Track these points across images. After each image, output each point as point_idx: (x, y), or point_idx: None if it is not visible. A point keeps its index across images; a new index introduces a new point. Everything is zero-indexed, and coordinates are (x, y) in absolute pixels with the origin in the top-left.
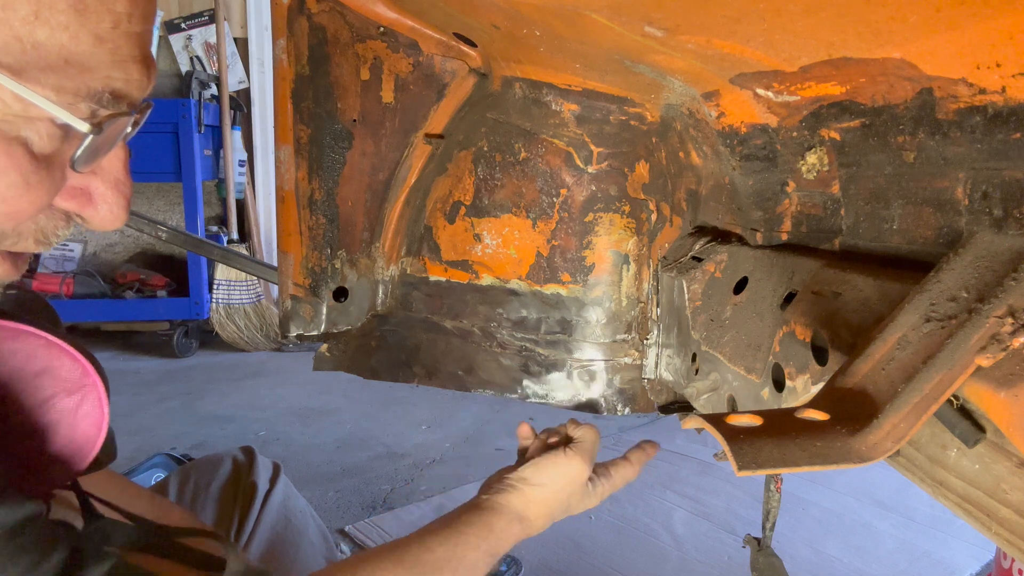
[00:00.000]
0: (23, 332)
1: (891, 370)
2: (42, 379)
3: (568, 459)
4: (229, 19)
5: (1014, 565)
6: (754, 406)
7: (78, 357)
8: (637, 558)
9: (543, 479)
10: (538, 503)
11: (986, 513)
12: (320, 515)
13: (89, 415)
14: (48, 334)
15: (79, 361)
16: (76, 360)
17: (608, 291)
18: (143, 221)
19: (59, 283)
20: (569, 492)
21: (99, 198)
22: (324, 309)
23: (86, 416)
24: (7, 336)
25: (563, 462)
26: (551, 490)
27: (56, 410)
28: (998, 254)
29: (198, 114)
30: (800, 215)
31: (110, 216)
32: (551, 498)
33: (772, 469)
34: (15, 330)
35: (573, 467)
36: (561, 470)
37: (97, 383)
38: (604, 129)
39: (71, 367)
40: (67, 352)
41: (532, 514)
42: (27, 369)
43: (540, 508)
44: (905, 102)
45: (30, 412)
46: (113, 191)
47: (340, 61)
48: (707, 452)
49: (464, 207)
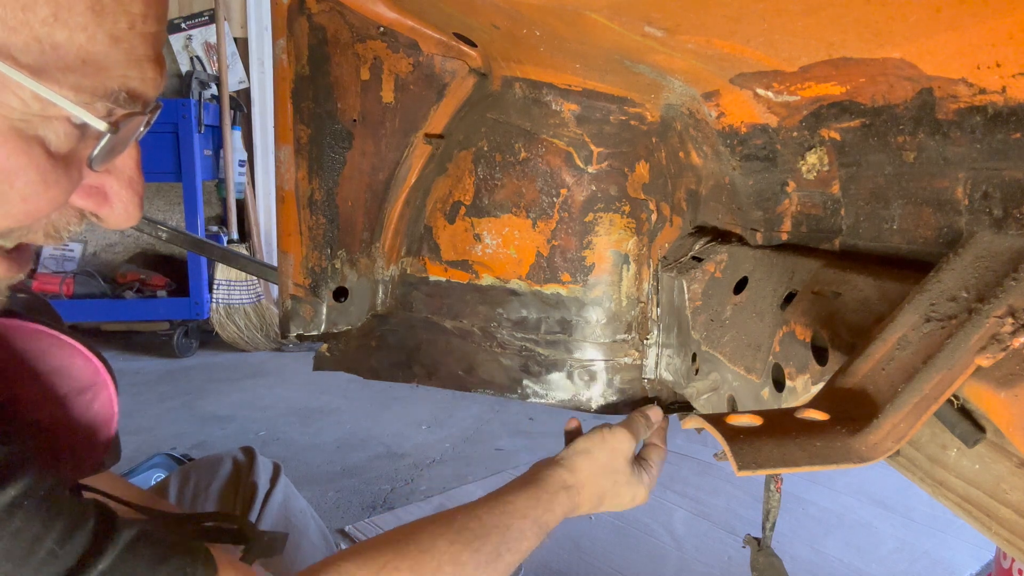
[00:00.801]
0: (39, 332)
1: (891, 370)
2: (56, 377)
3: (612, 431)
4: (229, 19)
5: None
6: (754, 406)
7: (90, 356)
8: (637, 558)
9: (587, 446)
10: (583, 471)
11: (986, 513)
12: (320, 515)
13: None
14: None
15: (91, 360)
16: (88, 359)
17: (608, 291)
18: (143, 221)
19: (59, 283)
20: (614, 466)
21: (114, 197)
22: (324, 309)
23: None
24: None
25: (607, 433)
26: (595, 458)
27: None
28: (998, 254)
29: (198, 114)
30: (800, 215)
31: (125, 214)
32: (596, 468)
33: (772, 469)
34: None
35: (616, 437)
36: (606, 440)
37: (108, 382)
38: (604, 129)
39: (84, 365)
40: (79, 351)
41: (577, 482)
42: (42, 367)
43: (585, 476)
44: (905, 102)
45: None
46: (127, 189)
47: (340, 61)
48: (707, 452)
49: (464, 207)
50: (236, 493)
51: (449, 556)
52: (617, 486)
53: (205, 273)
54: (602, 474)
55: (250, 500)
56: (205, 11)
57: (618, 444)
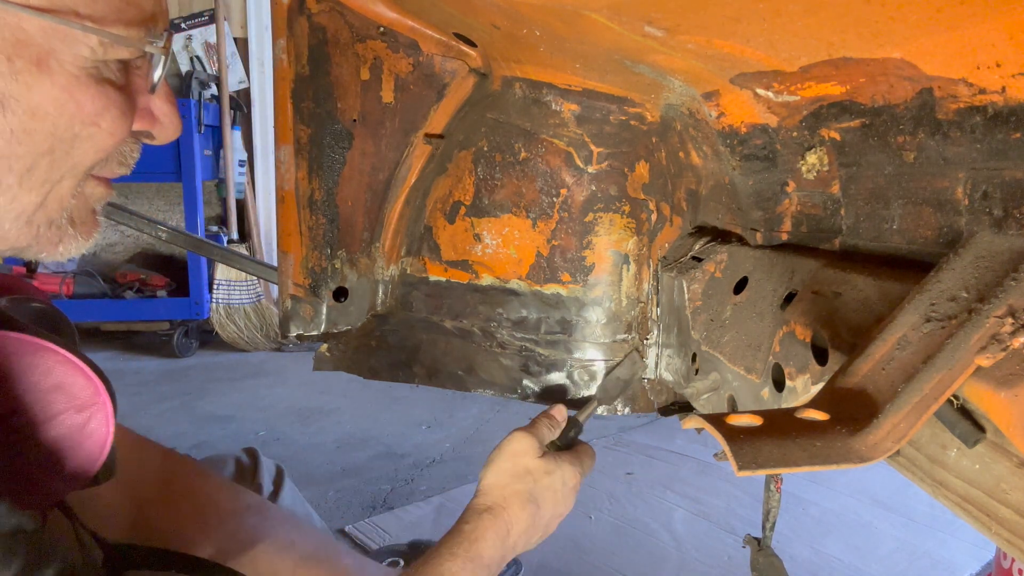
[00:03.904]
0: (42, 347)
1: (891, 370)
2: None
3: (506, 438)
4: (229, 19)
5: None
6: (754, 406)
7: (91, 376)
8: (637, 558)
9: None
10: (493, 487)
11: (986, 513)
12: (320, 515)
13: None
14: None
15: (92, 380)
16: (89, 379)
17: (608, 291)
18: (143, 221)
19: (59, 283)
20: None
21: (160, 114)
22: (324, 309)
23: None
24: (27, 350)
25: (503, 443)
26: (499, 470)
27: (65, 426)
28: (998, 254)
29: (198, 114)
30: (800, 215)
31: (173, 126)
32: (505, 478)
33: (772, 469)
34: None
35: (511, 440)
36: (502, 449)
37: (106, 402)
38: (604, 129)
39: (84, 385)
40: (81, 370)
41: (494, 501)
42: (43, 384)
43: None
44: (905, 102)
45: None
46: (168, 104)
47: (340, 61)
48: (707, 452)
49: (464, 207)
50: None
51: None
52: (538, 484)
53: (205, 273)
54: (512, 480)
55: None
56: (205, 11)
57: (515, 446)
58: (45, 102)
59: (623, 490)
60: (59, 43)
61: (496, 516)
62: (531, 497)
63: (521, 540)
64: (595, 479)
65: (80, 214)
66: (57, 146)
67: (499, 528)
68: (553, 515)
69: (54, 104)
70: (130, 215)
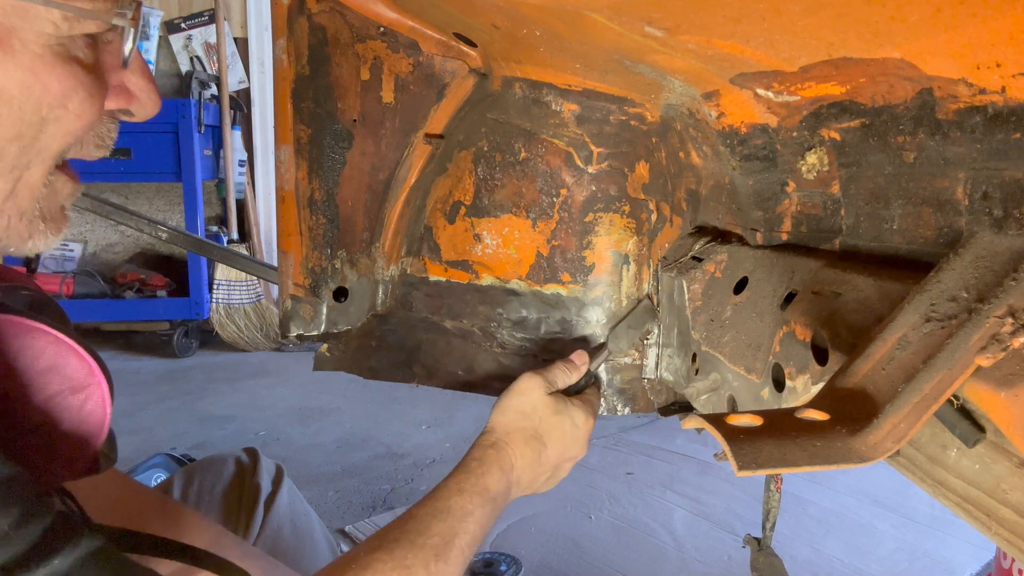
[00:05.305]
0: (34, 329)
1: (891, 370)
2: (49, 376)
3: (518, 379)
4: (229, 19)
5: (1014, 565)
6: (754, 406)
7: (85, 356)
8: (637, 558)
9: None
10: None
11: (986, 513)
12: (320, 515)
13: (92, 413)
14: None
15: (86, 360)
16: (83, 359)
17: (608, 291)
18: (143, 221)
19: (59, 283)
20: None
21: (136, 89)
22: (324, 309)
23: (90, 414)
24: (19, 332)
25: (513, 383)
26: (506, 407)
27: (60, 407)
28: (998, 254)
29: (198, 114)
30: (800, 215)
31: (151, 102)
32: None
33: (772, 469)
34: (27, 326)
35: (521, 381)
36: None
37: (102, 383)
38: (604, 129)
39: (78, 365)
40: (74, 350)
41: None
42: (35, 365)
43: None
44: (905, 102)
45: (35, 408)
46: (143, 79)
47: (340, 61)
48: (707, 452)
49: (464, 207)
50: (240, 495)
51: (392, 564)
52: (544, 422)
53: (205, 273)
54: (518, 417)
55: (254, 502)
56: (205, 11)
57: (522, 384)
58: (9, 85)
59: (623, 490)
60: (20, 20)
61: (500, 451)
62: (535, 434)
63: (526, 476)
64: (595, 479)
65: (50, 210)
66: (25, 131)
67: (503, 463)
68: (563, 456)
69: (19, 87)
70: (130, 215)
